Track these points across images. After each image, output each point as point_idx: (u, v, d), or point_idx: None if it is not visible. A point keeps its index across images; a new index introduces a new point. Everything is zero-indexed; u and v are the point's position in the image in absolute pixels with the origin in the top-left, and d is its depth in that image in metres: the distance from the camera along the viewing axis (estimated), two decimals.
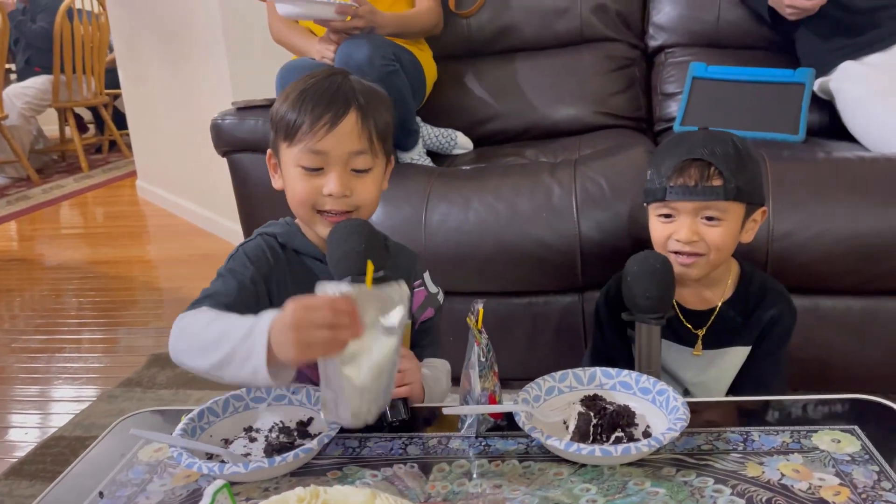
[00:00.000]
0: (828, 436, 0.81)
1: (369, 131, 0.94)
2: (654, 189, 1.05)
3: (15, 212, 3.79)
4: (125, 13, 3.46)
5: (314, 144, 0.92)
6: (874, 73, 1.60)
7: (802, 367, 1.32)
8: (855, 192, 1.32)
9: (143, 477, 0.82)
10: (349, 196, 0.94)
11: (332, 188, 0.93)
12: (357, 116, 0.93)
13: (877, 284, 1.33)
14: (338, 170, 0.93)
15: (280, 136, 0.96)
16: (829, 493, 0.72)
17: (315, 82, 0.95)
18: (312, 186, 0.94)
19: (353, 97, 0.94)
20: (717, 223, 1.02)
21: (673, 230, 1.04)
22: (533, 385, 0.89)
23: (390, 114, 1.00)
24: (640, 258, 1.00)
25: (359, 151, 0.94)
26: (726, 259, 1.07)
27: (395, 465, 0.81)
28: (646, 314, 0.98)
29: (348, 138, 0.93)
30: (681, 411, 0.81)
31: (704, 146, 1.02)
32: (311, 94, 0.93)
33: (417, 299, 1.06)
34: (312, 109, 0.92)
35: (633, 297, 0.98)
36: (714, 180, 1.00)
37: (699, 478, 0.75)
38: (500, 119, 1.93)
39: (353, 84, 0.96)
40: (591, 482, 0.76)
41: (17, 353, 2.10)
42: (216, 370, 0.83)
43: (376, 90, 0.99)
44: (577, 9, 1.95)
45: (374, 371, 0.78)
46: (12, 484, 1.40)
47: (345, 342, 0.76)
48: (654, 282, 0.98)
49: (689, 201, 1.01)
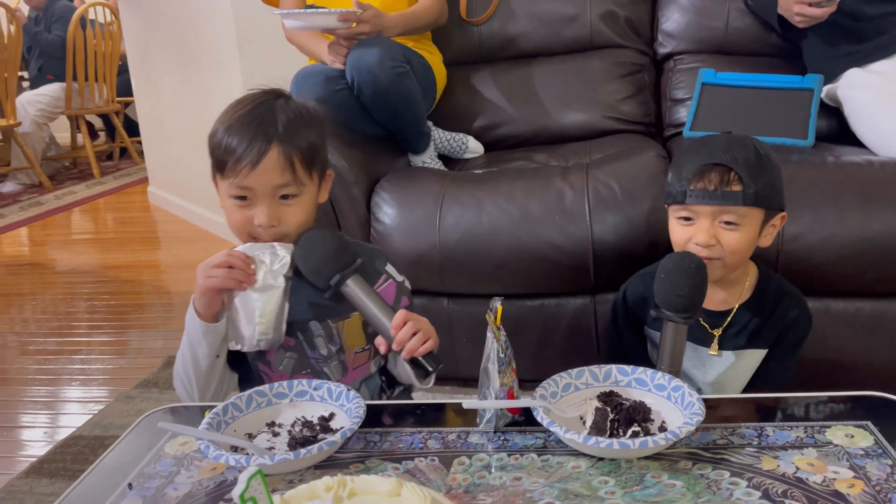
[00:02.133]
0: (841, 431, 0.83)
1: (291, 162, 0.99)
2: (674, 191, 1.07)
3: (28, 217, 3.82)
4: (138, 21, 3.51)
5: (240, 181, 0.99)
6: (880, 80, 1.61)
7: (814, 366, 1.32)
8: (864, 195, 1.34)
9: (170, 469, 0.84)
10: (277, 225, 1.01)
11: (262, 220, 1.00)
12: (278, 151, 0.98)
13: (886, 286, 1.35)
14: (265, 202, 1.00)
15: (214, 167, 1.03)
16: (844, 485, 0.73)
17: (241, 115, 1.00)
18: (245, 217, 1.02)
19: (274, 131, 0.98)
20: (735, 228, 1.04)
21: (692, 233, 1.05)
22: (550, 381, 0.91)
23: (320, 130, 1.05)
24: (677, 257, 1.02)
25: (283, 184, 1.00)
26: (743, 263, 1.09)
27: (417, 459, 0.83)
28: (675, 312, 0.99)
29: (271, 174, 0.98)
30: (696, 406, 0.83)
31: (726, 151, 1.03)
32: (236, 128, 0.99)
33: (389, 293, 1.09)
34: (236, 147, 0.98)
35: (665, 294, 1.00)
36: (734, 185, 1.02)
37: (715, 471, 0.77)
38: (510, 124, 1.95)
39: (276, 114, 1.00)
40: (609, 475, 0.78)
41: (33, 356, 2.13)
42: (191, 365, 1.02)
43: (301, 113, 1.03)
44: (587, 16, 1.98)
45: (266, 307, 0.99)
46: (32, 482, 1.42)
47: (238, 279, 0.98)
48: (687, 281, 0.99)
49: (708, 205, 1.03)
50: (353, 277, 1.00)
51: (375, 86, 1.57)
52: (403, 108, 1.66)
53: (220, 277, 0.97)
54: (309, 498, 0.65)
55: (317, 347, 1.07)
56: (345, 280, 0.99)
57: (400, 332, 0.96)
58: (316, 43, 1.77)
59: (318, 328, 1.06)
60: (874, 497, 0.71)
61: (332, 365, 1.07)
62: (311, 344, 1.07)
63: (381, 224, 1.53)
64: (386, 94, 1.59)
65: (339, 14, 1.56)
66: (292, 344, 1.06)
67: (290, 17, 1.63)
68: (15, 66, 4.20)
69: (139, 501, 0.79)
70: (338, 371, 1.08)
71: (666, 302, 0.99)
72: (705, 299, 1.04)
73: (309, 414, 0.92)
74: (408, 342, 0.96)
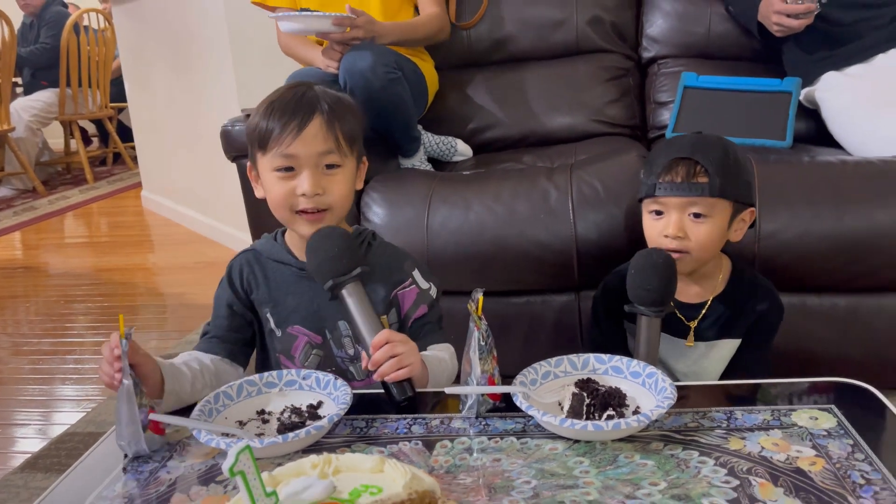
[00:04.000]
0: (806, 414, 0.87)
1: (335, 133, 1.02)
2: (645, 186, 1.12)
3: (21, 222, 3.84)
4: (132, 24, 3.54)
5: (285, 149, 1.00)
6: (856, 84, 1.66)
7: (790, 359, 1.37)
8: (838, 194, 1.38)
9: (163, 454, 0.88)
10: (322, 194, 1.02)
11: (305, 187, 1.01)
12: (321, 120, 1.01)
13: (859, 282, 1.39)
14: (309, 170, 1.01)
15: (255, 147, 1.05)
16: (806, 463, 0.77)
17: (281, 94, 1.04)
18: (288, 188, 1.02)
19: (317, 104, 1.02)
20: (703, 220, 1.08)
21: (663, 227, 1.10)
22: (530, 369, 0.95)
23: (357, 119, 1.08)
24: (645, 253, 1.07)
25: (326, 151, 1.02)
26: (712, 256, 1.13)
27: (401, 443, 0.87)
28: (646, 306, 1.03)
29: (315, 140, 1.01)
30: (668, 391, 0.86)
31: (693, 147, 1.09)
32: (277, 105, 1.02)
33: (409, 298, 1.11)
34: (280, 118, 1.01)
35: (635, 289, 1.04)
36: (699, 177, 1.07)
37: (685, 451, 0.81)
38: (498, 127, 1.99)
39: (316, 93, 1.04)
40: (585, 456, 0.81)
41: (28, 356, 2.15)
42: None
43: (341, 98, 1.07)
44: (574, 21, 2.02)
45: None
46: (27, 476, 1.45)
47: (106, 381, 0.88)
48: (655, 275, 1.04)
49: (676, 197, 1.07)
50: (351, 286, 0.98)
51: (368, 91, 1.60)
52: (394, 113, 1.69)
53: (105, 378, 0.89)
54: (296, 474, 0.68)
55: (343, 346, 1.08)
56: (339, 286, 0.98)
57: (377, 352, 0.94)
58: (310, 50, 1.81)
59: (346, 328, 1.07)
60: (834, 474, 0.75)
61: (357, 365, 1.09)
62: (338, 343, 1.08)
63: (371, 223, 1.57)
64: (378, 100, 1.63)
65: (333, 18, 1.60)
66: (320, 341, 1.08)
67: (285, 20, 1.66)
68: (9, 72, 4.22)
69: (133, 483, 0.82)
70: (362, 371, 1.09)
71: (636, 296, 1.04)
72: (681, 293, 1.08)
73: (298, 402, 0.95)
74: (382, 365, 0.93)
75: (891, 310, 1.41)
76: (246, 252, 1.13)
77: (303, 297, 1.08)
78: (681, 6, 1.98)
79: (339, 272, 0.98)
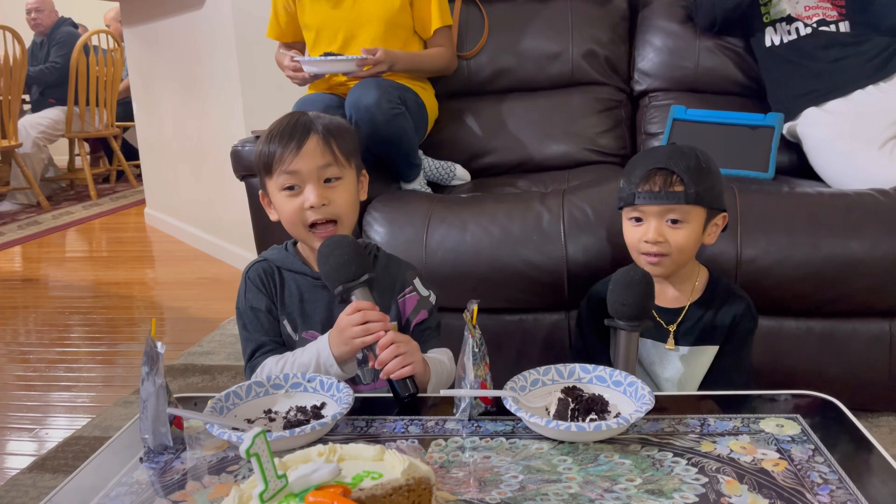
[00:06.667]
0: (773, 421, 0.94)
1: (332, 148, 1.12)
2: (625, 195, 1.21)
3: (25, 236, 3.91)
4: (142, 47, 3.64)
5: (287, 167, 1.10)
6: (835, 119, 1.75)
7: (768, 379, 1.44)
8: (814, 223, 1.47)
9: (177, 447, 0.94)
10: (328, 205, 1.11)
11: (311, 199, 1.10)
12: (318, 138, 1.12)
13: (834, 307, 1.47)
14: (312, 183, 1.11)
15: (263, 173, 1.15)
16: (770, 464, 0.84)
17: (279, 123, 1.15)
18: (296, 205, 1.11)
19: (312, 125, 1.13)
20: (680, 225, 1.17)
21: (642, 233, 1.19)
22: (519, 377, 1.02)
23: (351, 136, 1.18)
24: (623, 270, 1.15)
25: (326, 164, 1.11)
26: (690, 259, 1.22)
27: (398, 441, 0.93)
28: (624, 320, 1.11)
29: (313, 155, 1.11)
30: (647, 398, 0.94)
31: (669, 158, 1.18)
32: (276, 132, 1.13)
33: (410, 303, 1.20)
34: (280, 141, 1.11)
35: (613, 304, 1.12)
36: (676, 186, 1.16)
37: (660, 452, 0.88)
38: (495, 153, 2.08)
39: (310, 117, 1.15)
40: (568, 455, 0.88)
41: (33, 364, 2.21)
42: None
43: (334, 119, 1.18)
44: (569, 54, 2.12)
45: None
46: (36, 477, 1.50)
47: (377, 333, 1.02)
48: (630, 291, 1.11)
49: (655, 205, 1.16)
50: (359, 291, 1.05)
51: (372, 125, 1.69)
52: (397, 145, 1.79)
53: (360, 336, 1.02)
54: (304, 461, 0.75)
55: None
56: (349, 292, 1.05)
57: (383, 352, 1.01)
58: None
59: None
60: (795, 474, 0.82)
61: (364, 369, 1.15)
62: None
63: (373, 240, 1.64)
64: (381, 133, 1.72)
65: (357, 60, 1.75)
66: None
67: (309, 64, 1.81)
68: (19, 89, 4.32)
69: (151, 472, 0.88)
70: (369, 375, 1.16)
71: (614, 310, 1.12)
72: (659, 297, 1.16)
73: (303, 403, 1.02)
74: (388, 363, 1.01)
75: (864, 333, 1.49)
76: (259, 262, 1.20)
77: (317, 304, 1.16)
78: (671, 42, 2.08)
79: (349, 278, 1.05)
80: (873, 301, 1.46)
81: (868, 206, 1.48)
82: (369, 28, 1.89)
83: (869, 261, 1.43)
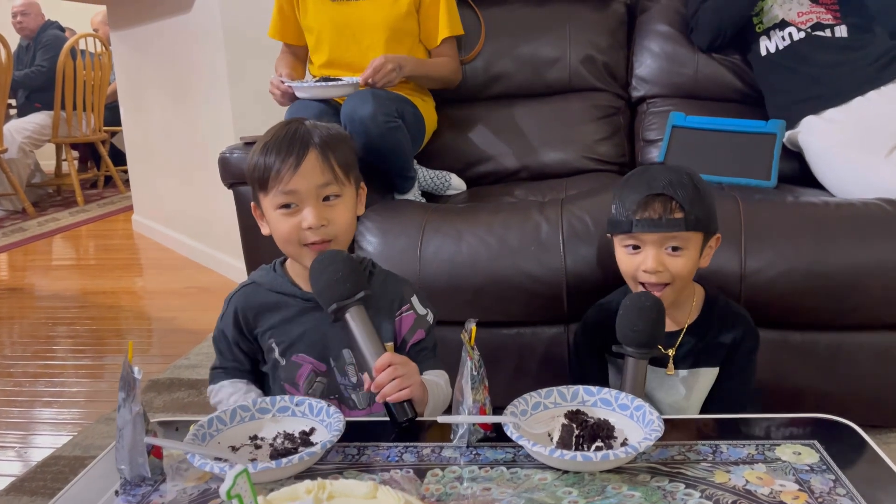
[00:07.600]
0: (790, 448, 0.89)
1: (331, 164, 1.05)
2: (620, 222, 1.14)
3: (10, 243, 3.83)
4: (130, 51, 3.58)
5: (285, 186, 1.04)
6: (834, 128, 1.71)
7: (774, 395, 1.39)
8: (820, 233, 1.42)
9: (155, 478, 0.88)
10: (326, 225, 1.05)
11: (310, 221, 1.04)
12: (316, 154, 1.04)
13: (841, 320, 1.42)
14: (311, 203, 1.04)
15: (256, 187, 1.08)
16: (789, 496, 0.79)
17: (275, 134, 1.07)
18: (293, 224, 1.05)
19: (310, 138, 1.06)
20: (679, 253, 1.12)
21: (640, 261, 1.13)
22: (520, 400, 0.97)
23: (350, 147, 1.11)
24: (634, 296, 1.10)
25: (325, 183, 1.05)
26: (688, 284, 1.17)
27: (392, 471, 0.88)
28: (633, 347, 1.06)
29: (313, 174, 1.04)
30: (655, 423, 0.88)
31: (667, 183, 1.11)
32: (272, 144, 1.06)
33: (407, 322, 1.14)
34: (277, 156, 1.04)
35: (623, 329, 1.07)
36: (676, 213, 1.10)
37: (671, 483, 0.82)
38: (492, 161, 2.03)
39: (308, 128, 1.08)
40: (573, 486, 0.83)
41: (15, 377, 2.14)
42: None
43: (331, 129, 1.11)
44: (567, 60, 2.08)
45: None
46: (13, 500, 1.44)
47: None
48: (641, 317, 1.06)
49: (655, 233, 1.11)
50: (354, 309, 1.00)
51: (367, 137, 1.64)
52: (392, 158, 1.73)
53: None
54: (290, 499, 0.69)
55: (347, 374, 1.10)
56: (343, 310, 1.00)
57: (380, 374, 0.96)
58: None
59: (350, 356, 1.09)
60: None
61: (359, 393, 1.10)
62: (342, 371, 1.10)
63: (365, 252, 1.59)
64: (375, 145, 1.66)
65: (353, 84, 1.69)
66: (324, 369, 1.10)
67: (302, 91, 1.74)
68: (4, 94, 4.25)
69: None
70: (364, 399, 1.10)
71: (624, 336, 1.07)
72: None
73: (290, 428, 0.96)
74: (385, 386, 0.96)
75: (872, 347, 1.44)
76: (245, 286, 1.15)
77: (307, 325, 1.09)
78: (670, 48, 2.04)
79: (343, 295, 0.99)
80: (881, 313, 1.41)
81: (875, 216, 1.44)
82: (373, 34, 1.84)
83: (877, 272, 1.38)
